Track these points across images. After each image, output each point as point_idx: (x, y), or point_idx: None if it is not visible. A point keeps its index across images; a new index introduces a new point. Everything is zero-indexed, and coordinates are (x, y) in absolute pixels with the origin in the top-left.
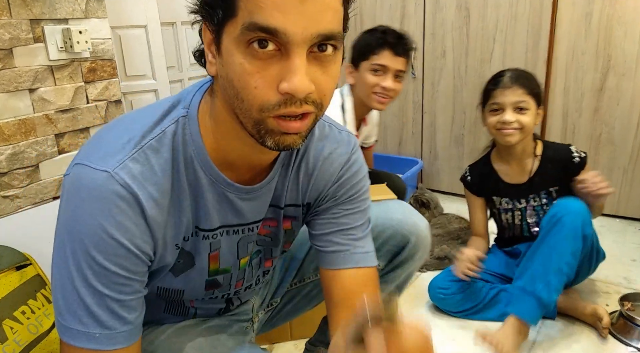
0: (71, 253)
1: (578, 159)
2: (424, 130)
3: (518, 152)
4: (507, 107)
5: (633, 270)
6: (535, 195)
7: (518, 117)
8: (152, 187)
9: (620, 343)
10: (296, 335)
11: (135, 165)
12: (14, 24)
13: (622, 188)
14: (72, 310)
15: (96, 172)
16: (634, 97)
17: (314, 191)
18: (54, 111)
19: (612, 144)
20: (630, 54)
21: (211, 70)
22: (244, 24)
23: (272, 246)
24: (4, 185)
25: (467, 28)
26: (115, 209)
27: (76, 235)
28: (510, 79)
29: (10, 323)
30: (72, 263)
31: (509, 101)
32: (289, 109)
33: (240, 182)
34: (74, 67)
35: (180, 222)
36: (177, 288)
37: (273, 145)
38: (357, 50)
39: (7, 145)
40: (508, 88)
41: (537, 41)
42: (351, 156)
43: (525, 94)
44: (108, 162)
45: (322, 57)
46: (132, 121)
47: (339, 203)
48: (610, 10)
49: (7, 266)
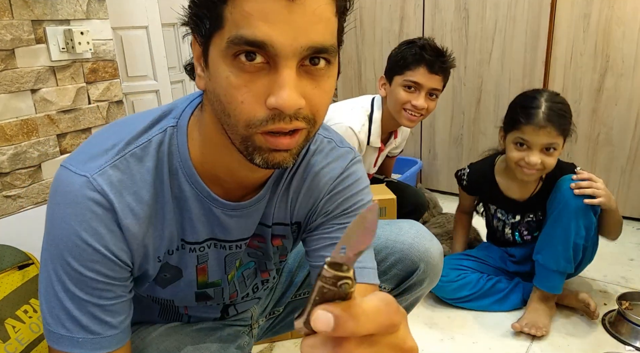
0: (50, 258)
1: None
2: (423, 131)
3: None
4: (535, 148)
5: (631, 269)
6: (532, 213)
7: (544, 159)
8: (130, 196)
9: (618, 342)
10: (296, 334)
11: (115, 172)
12: (16, 25)
13: (620, 189)
14: (54, 315)
15: (74, 176)
16: (632, 98)
17: (302, 209)
18: (55, 111)
19: (611, 144)
20: (628, 55)
21: (200, 84)
22: (230, 37)
23: (264, 260)
24: (6, 185)
25: (466, 29)
26: (89, 214)
27: (52, 240)
28: (545, 117)
29: (13, 322)
30: (51, 268)
31: (540, 142)
32: (278, 125)
33: (229, 198)
34: (76, 68)
35: (162, 235)
36: (166, 298)
37: (262, 163)
38: (393, 62)
39: (9, 146)
40: (542, 128)
41: (535, 42)
42: (346, 170)
43: (558, 135)
44: (88, 167)
45: (314, 71)
46: (122, 126)
47: (332, 217)
48: (609, 11)
49: (10, 265)
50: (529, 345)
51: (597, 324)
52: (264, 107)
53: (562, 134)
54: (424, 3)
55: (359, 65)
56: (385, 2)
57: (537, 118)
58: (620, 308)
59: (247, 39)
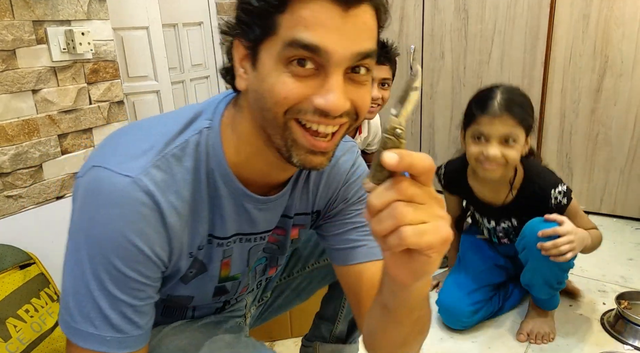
0: (88, 258)
1: (556, 203)
2: (422, 131)
3: (495, 180)
4: (493, 139)
5: (630, 269)
6: (507, 219)
7: (504, 152)
8: (173, 196)
9: (617, 341)
10: (296, 333)
11: (158, 173)
12: (17, 26)
13: (618, 189)
14: (84, 313)
15: (117, 177)
16: (630, 98)
17: (322, 198)
18: (56, 112)
19: (609, 144)
20: (627, 55)
21: (241, 84)
22: (286, 41)
23: (278, 254)
24: (7, 185)
25: (466, 29)
26: (137, 216)
27: (94, 240)
28: (501, 106)
29: (14, 321)
30: (88, 267)
31: (497, 133)
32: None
33: (257, 192)
34: (77, 68)
35: (196, 231)
36: (185, 295)
37: (299, 163)
38: None
39: (10, 146)
40: (497, 117)
41: (535, 42)
42: (355, 161)
43: (516, 124)
44: (130, 168)
45: (357, 77)
46: (152, 128)
47: (350, 204)
48: (608, 12)
49: (11, 265)
50: (529, 345)
51: (596, 324)
52: (310, 102)
53: (520, 123)
54: (423, 3)
55: None
56: None
57: (492, 108)
58: (619, 307)
59: (303, 42)
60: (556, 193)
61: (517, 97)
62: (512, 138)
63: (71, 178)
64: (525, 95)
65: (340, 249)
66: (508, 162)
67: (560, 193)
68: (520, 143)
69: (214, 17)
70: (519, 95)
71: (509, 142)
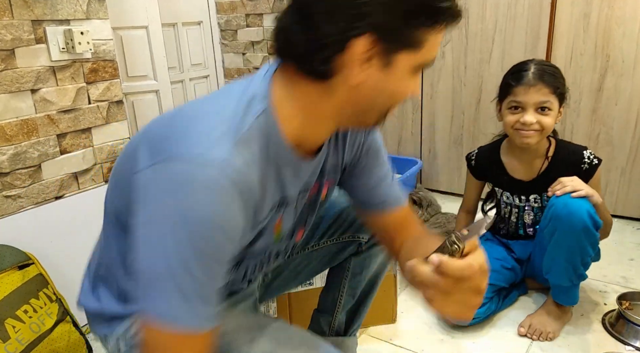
0: (174, 242)
1: (587, 167)
2: (423, 131)
3: (531, 151)
4: (529, 108)
5: (631, 269)
6: (537, 195)
7: (540, 118)
8: (255, 175)
9: (619, 342)
10: None
11: (238, 156)
12: (16, 25)
13: (620, 188)
14: (164, 296)
15: (207, 162)
16: (632, 97)
17: (349, 152)
18: (55, 111)
19: (610, 144)
20: (628, 54)
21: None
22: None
23: (307, 213)
24: (6, 185)
25: (466, 28)
26: (229, 198)
27: (185, 224)
28: (535, 76)
29: (13, 322)
30: (173, 251)
31: (532, 101)
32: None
33: (306, 154)
34: (76, 68)
35: (265, 206)
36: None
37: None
38: None
39: (9, 146)
40: (532, 86)
41: (535, 41)
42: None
43: (550, 93)
44: (216, 153)
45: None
46: (214, 114)
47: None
48: (609, 11)
49: (10, 265)
50: (529, 345)
51: (597, 324)
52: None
53: (554, 92)
54: None
55: None
56: None
57: (526, 78)
58: (620, 308)
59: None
60: (588, 153)
61: (549, 68)
62: (547, 107)
63: (70, 178)
64: (556, 67)
65: (371, 202)
66: (544, 129)
67: (592, 154)
68: (555, 111)
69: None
70: (551, 66)
71: (544, 110)
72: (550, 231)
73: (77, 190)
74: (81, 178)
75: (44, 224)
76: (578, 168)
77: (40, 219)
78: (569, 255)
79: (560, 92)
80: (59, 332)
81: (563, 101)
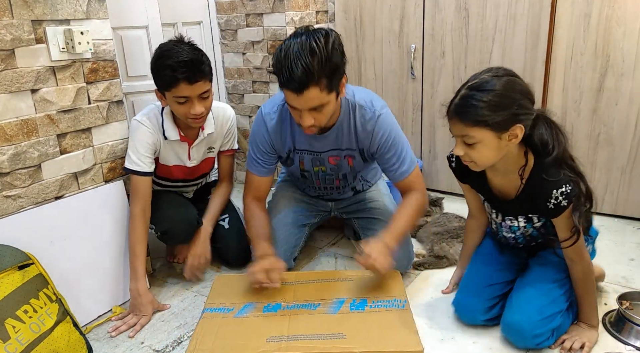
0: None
1: (552, 207)
2: (423, 130)
3: (500, 168)
4: (457, 140)
5: (631, 269)
6: (513, 217)
7: (467, 151)
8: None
9: (619, 341)
10: None
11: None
12: (16, 25)
13: (620, 188)
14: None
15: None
16: (632, 97)
17: (362, 139)
18: (55, 111)
19: (611, 144)
20: (629, 54)
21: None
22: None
23: (337, 171)
24: (6, 185)
25: (467, 28)
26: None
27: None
28: (454, 109)
29: (13, 322)
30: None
31: (454, 134)
32: None
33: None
34: (76, 68)
35: (285, 144)
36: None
37: None
38: (156, 80)
39: (9, 145)
40: (450, 119)
41: (535, 41)
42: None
43: (466, 127)
44: (265, 108)
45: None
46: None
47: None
48: (609, 11)
49: (10, 265)
50: None
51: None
52: None
53: (477, 125)
54: (424, 3)
55: (359, 65)
56: (385, 2)
57: (449, 110)
58: (620, 308)
59: None
60: (558, 193)
61: (475, 95)
62: (468, 140)
63: (70, 178)
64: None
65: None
66: (474, 161)
67: (562, 195)
68: (485, 142)
69: (214, 16)
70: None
71: (469, 144)
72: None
73: (77, 190)
74: (81, 178)
75: (44, 224)
76: (544, 205)
77: (40, 219)
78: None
79: (487, 120)
80: (59, 332)
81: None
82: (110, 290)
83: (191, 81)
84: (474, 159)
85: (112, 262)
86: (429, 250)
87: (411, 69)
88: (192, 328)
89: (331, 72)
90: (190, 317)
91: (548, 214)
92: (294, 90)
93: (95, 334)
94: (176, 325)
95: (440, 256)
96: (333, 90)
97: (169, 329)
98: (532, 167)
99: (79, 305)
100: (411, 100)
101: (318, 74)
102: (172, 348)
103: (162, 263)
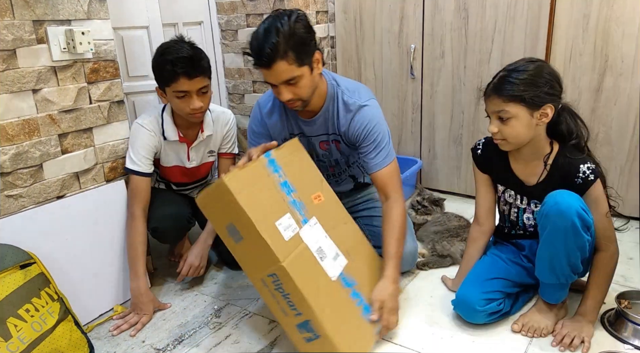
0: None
1: (580, 181)
2: (422, 130)
3: (526, 154)
4: (492, 117)
5: (630, 268)
6: (538, 201)
7: (501, 128)
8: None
9: (617, 340)
10: None
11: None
12: (17, 25)
13: (619, 188)
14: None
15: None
16: (631, 97)
17: (342, 125)
18: (57, 111)
19: (610, 144)
20: (627, 55)
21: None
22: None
23: (329, 157)
24: (8, 185)
25: (466, 29)
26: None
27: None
28: (492, 87)
29: (15, 321)
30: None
31: (491, 111)
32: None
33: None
34: (77, 68)
35: (280, 129)
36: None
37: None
38: (157, 76)
39: (11, 145)
40: (488, 97)
41: (535, 42)
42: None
43: (504, 102)
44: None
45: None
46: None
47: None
48: (608, 11)
49: (11, 265)
50: (529, 344)
51: (597, 323)
52: None
53: (513, 100)
54: (423, 3)
55: (359, 65)
56: (385, 2)
57: (488, 88)
58: (619, 307)
59: None
60: (585, 167)
61: (513, 73)
62: (504, 115)
63: (71, 178)
64: (528, 69)
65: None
66: (506, 138)
67: (589, 169)
68: (518, 118)
69: (214, 16)
70: (517, 70)
71: (504, 119)
72: (541, 229)
73: (78, 189)
74: (82, 178)
75: (45, 224)
76: (572, 181)
77: (41, 219)
78: (554, 254)
79: (523, 96)
80: (60, 330)
81: (538, 103)
82: (111, 289)
83: (190, 76)
84: (506, 135)
85: (114, 261)
86: (430, 249)
87: (411, 69)
88: (193, 327)
89: (296, 45)
90: (191, 316)
91: (577, 189)
92: (263, 66)
93: (97, 333)
94: (177, 323)
95: (444, 255)
96: (305, 64)
97: (170, 328)
98: (557, 152)
99: (80, 304)
100: (411, 100)
101: (283, 48)
102: (173, 347)
103: (163, 262)
